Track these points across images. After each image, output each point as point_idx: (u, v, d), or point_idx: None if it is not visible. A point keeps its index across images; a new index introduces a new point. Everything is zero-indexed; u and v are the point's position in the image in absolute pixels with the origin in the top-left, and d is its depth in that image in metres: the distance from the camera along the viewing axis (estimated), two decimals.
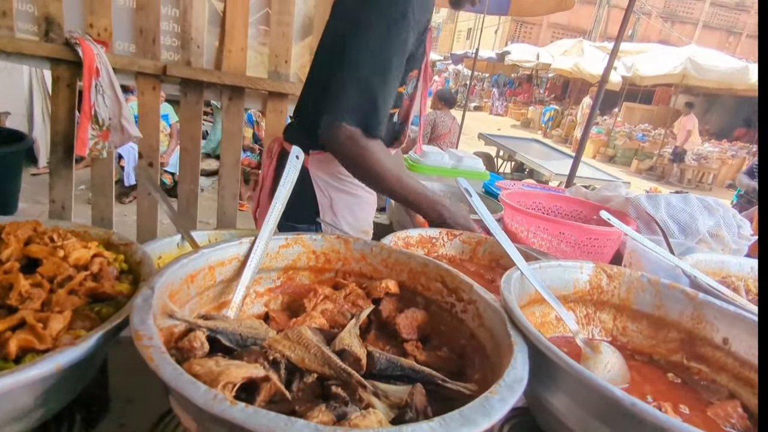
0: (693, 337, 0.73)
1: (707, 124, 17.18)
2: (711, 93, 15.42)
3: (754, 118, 13.68)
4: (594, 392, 0.46)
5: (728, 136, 15.38)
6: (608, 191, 1.69)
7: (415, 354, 0.64)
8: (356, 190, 1.44)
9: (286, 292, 0.82)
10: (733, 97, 15.42)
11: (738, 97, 14.96)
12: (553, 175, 5.43)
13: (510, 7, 6.10)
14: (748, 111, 15.72)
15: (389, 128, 1.37)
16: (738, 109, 16.78)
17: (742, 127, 15.51)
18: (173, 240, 1.03)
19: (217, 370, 0.44)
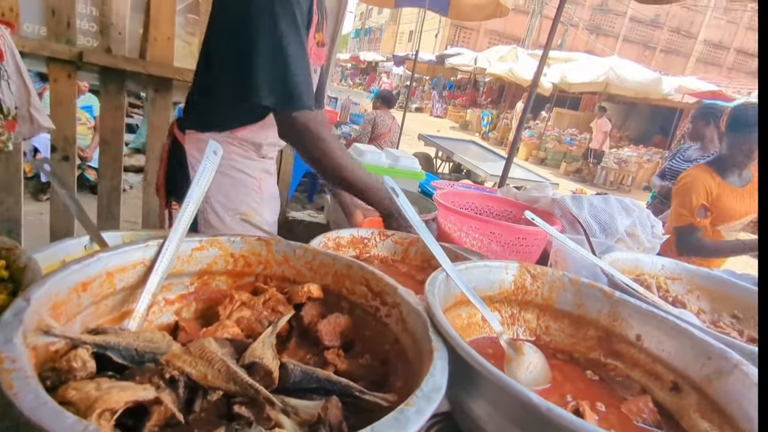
0: (609, 335, 0.76)
1: (627, 130, 18.58)
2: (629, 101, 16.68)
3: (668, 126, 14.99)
4: (512, 397, 0.45)
5: (645, 141, 16.70)
6: (537, 192, 1.75)
7: (336, 362, 0.61)
8: (229, 170, 1.40)
9: (201, 298, 0.76)
10: (648, 105, 16.77)
11: (653, 105, 16.31)
12: (488, 176, 5.61)
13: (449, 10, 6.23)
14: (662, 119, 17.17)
15: None
16: (653, 117, 18.29)
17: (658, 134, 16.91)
18: (81, 242, 0.92)
19: (95, 394, 0.38)
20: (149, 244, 0.69)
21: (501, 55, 17.33)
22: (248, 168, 1.42)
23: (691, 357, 0.66)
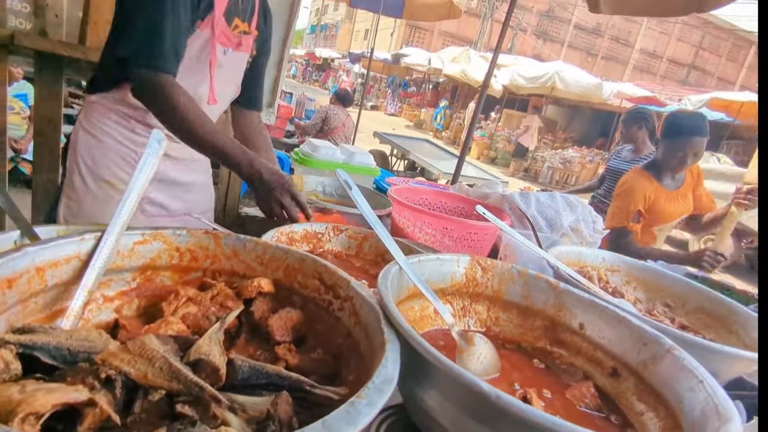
0: (555, 324, 0.79)
1: (571, 132, 19.46)
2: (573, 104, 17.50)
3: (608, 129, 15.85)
4: (462, 387, 0.45)
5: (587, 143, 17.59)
6: (487, 189, 1.80)
7: (287, 358, 0.59)
8: (99, 133, 1.38)
9: (143, 295, 0.72)
10: (591, 109, 17.65)
11: (595, 109, 17.18)
12: (441, 174, 5.71)
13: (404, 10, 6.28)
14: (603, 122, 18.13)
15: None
16: (595, 120, 19.28)
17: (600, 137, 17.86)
18: (10, 236, 0.85)
19: (17, 398, 0.35)
20: (85, 237, 0.64)
21: (454, 56, 17.66)
22: (123, 136, 1.38)
23: (628, 343, 0.70)
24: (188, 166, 1.55)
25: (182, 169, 1.53)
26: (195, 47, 1.32)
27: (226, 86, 1.49)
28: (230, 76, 1.50)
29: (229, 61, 1.44)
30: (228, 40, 1.40)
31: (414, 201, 1.74)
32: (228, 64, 1.44)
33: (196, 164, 1.58)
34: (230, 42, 1.41)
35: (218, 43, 1.36)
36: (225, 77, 1.46)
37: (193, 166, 1.56)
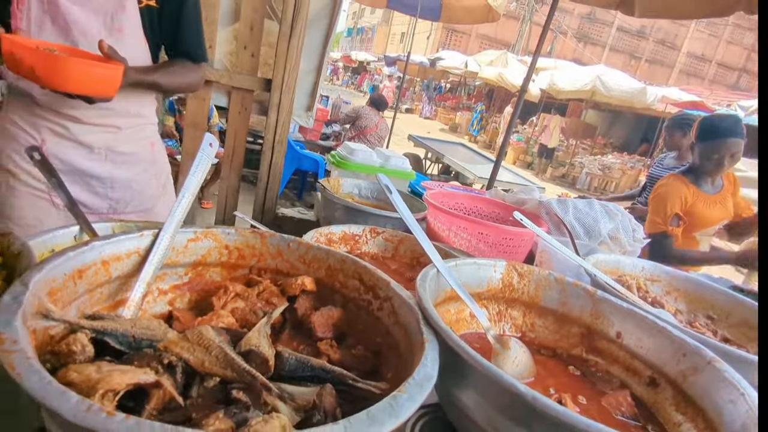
0: (591, 332, 0.79)
1: (611, 137, 18.88)
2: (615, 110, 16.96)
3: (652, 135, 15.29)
4: (499, 387, 0.47)
5: (629, 149, 17.01)
6: (524, 195, 1.79)
7: (329, 353, 0.62)
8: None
9: (195, 289, 0.76)
10: (633, 114, 17.07)
11: (637, 114, 16.60)
12: (476, 178, 5.67)
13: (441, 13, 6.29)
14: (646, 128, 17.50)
15: None
16: (637, 125, 18.63)
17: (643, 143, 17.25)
18: (70, 231, 0.92)
19: (96, 377, 0.39)
20: (144, 233, 0.69)
21: (491, 59, 17.48)
22: (23, 121, 1.29)
23: (667, 354, 0.69)
24: (107, 158, 1.38)
25: (97, 160, 1.37)
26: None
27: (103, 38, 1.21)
28: (102, 23, 1.27)
29: (89, 4, 1.25)
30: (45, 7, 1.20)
31: (449, 205, 1.75)
32: (87, 8, 1.25)
33: (119, 156, 1.39)
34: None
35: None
36: (90, 26, 1.26)
37: (114, 158, 1.39)
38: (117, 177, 1.41)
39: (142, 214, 1.50)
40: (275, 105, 2.54)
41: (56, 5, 1.22)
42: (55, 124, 1.30)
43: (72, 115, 1.31)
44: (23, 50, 1.05)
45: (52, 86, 1.08)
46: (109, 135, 1.38)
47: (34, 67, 1.04)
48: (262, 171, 2.67)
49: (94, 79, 1.11)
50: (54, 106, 1.29)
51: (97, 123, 1.35)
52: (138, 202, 1.49)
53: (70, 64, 1.06)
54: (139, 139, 1.46)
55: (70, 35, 1.25)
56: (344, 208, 1.60)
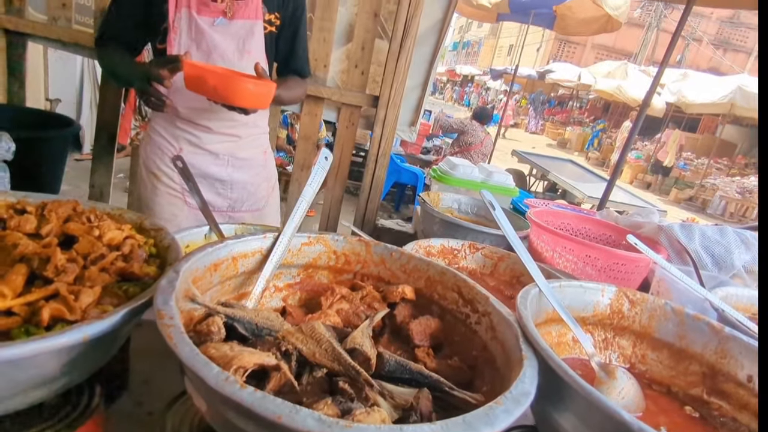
0: (716, 372, 0.71)
1: (754, 157, 16.43)
2: None
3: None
4: (603, 414, 0.45)
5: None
6: (640, 217, 1.65)
7: (425, 360, 0.64)
8: (150, 129, 1.60)
9: (305, 289, 0.84)
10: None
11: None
12: (585, 198, 5.32)
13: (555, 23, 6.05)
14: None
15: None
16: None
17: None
18: (201, 230, 1.07)
19: (230, 354, 0.46)
20: (267, 236, 0.78)
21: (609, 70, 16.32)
22: (167, 132, 1.53)
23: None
24: (228, 163, 1.60)
25: (221, 165, 1.59)
26: (182, 28, 1.42)
27: (235, 59, 1.48)
28: (235, 47, 1.48)
29: (226, 31, 1.46)
30: (208, 8, 1.43)
31: (554, 225, 1.68)
32: (225, 35, 1.46)
33: (238, 161, 1.62)
34: (213, 11, 1.44)
35: (198, 14, 1.41)
36: (227, 49, 1.47)
37: (234, 163, 1.62)
38: (236, 179, 1.64)
39: (255, 213, 1.73)
40: (381, 120, 2.65)
41: (202, 33, 1.44)
42: (191, 134, 1.55)
43: (206, 125, 1.54)
44: (207, 73, 1.28)
45: (228, 101, 1.31)
46: (231, 143, 1.61)
47: (216, 86, 1.26)
48: (365, 183, 2.79)
49: (258, 95, 1.33)
50: (193, 119, 1.52)
51: (225, 132, 1.58)
52: (252, 202, 1.71)
53: (244, 83, 1.29)
54: (255, 146, 1.69)
55: (210, 57, 1.47)
56: (443, 222, 1.62)
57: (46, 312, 0.49)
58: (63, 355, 0.48)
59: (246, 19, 1.49)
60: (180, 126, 1.54)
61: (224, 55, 1.47)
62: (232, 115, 1.51)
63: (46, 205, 0.73)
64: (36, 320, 0.49)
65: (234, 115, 1.52)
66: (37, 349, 0.43)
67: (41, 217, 0.71)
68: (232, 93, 1.28)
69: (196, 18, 1.42)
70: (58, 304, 0.50)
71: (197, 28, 1.43)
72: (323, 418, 0.36)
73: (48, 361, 0.48)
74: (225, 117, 1.54)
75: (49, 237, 0.66)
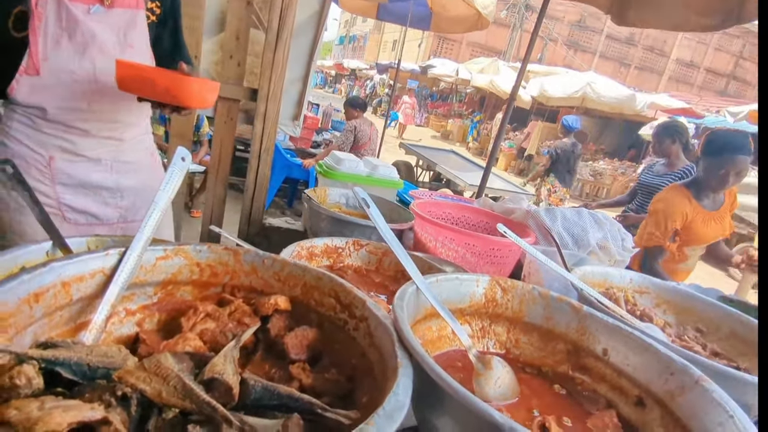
0: (578, 348, 0.76)
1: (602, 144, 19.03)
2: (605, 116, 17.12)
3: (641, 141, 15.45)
4: (476, 416, 0.44)
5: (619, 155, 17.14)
6: (512, 203, 1.77)
7: (301, 377, 0.59)
8: (6, 138, 1.31)
9: (164, 309, 0.73)
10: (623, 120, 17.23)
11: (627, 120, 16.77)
12: (467, 186, 5.67)
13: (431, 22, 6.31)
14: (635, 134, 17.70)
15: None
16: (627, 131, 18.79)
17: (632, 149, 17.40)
18: (42, 247, 0.89)
19: (36, 415, 0.36)
20: (110, 252, 0.66)
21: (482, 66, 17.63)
22: (29, 140, 1.29)
23: (655, 372, 0.67)
24: (113, 168, 1.42)
25: (105, 171, 1.40)
26: (49, 15, 1.20)
27: (116, 53, 1.29)
28: (116, 38, 1.31)
29: (105, 21, 1.28)
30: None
31: (437, 215, 1.73)
32: (104, 25, 1.28)
33: (123, 166, 1.44)
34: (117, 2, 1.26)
35: (70, 1, 1.21)
36: (106, 41, 1.29)
37: (119, 168, 1.43)
38: (124, 185, 1.46)
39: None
40: (261, 114, 2.52)
41: (75, 22, 1.24)
42: (63, 140, 1.32)
43: (82, 128, 1.34)
44: (155, 73, 1.20)
45: (180, 103, 1.22)
46: (113, 147, 1.41)
47: (168, 87, 1.18)
48: (249, 181, 2.64)
49: (208, 94, 1.27)
50: (66, 122, 1.31)
51: (105, 136, 1.39)
52: (144, 209, 1.49)
53: (196, 83, 1.22)
54: (140, 149, 1.52)
55: (87, 52, 1.27)
56: (330, 218, 1.57)
57: None
58: None
59: (126, 8, 1.32)
60: (47, 131, 1.30)
61: (103, 47, 1.28)
62: (115, 116, 1.36)
63: None
64: None
65: (118, 116, 1.37)
66: None
67: None
68: (185, 94, 1.20)
69: (66, 4, 1.21)
70: None
71: (69, 16, 1.22)
72: None
73: None
74: (106, 118, 1.36)
75: None
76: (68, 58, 1.25)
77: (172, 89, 1.19)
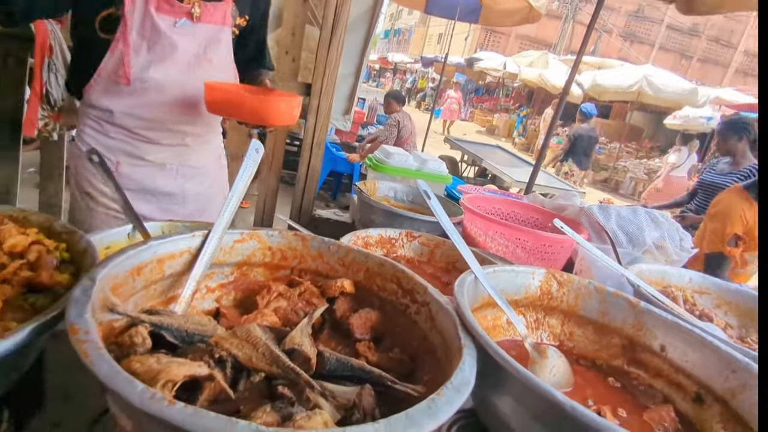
0: (633, 344, 0.77)
1: (658, 141, 18.10)
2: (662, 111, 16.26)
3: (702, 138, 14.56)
4: (537, 396, 0.47)
5: None
6: (563, 200, 1.75)
7: (366, 354, 0.64)
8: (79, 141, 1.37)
9: (239, 288, 0.80)
10: None
11: None
12: (513, 182, 5.58)
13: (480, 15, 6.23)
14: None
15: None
16: None
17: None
18: (124, 230, 0.99)
19: (157, 367, 0.43)
20: (195, 234, 0.73)
21: (531, 60, 17.15)
22: (98, 144, 1.33)
23: (715, 369, 0.67)
24: (178, 173, 1.43)
25: (169, 177, 1.42)
26: (134, 23, 1.21)
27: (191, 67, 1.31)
28: (195, 53, 1.31)
29: (188, 35, 1.28)
30: (172, 8, 1.25)
31: (486, 210, 1.74)
32: (187, 39, 1.28)
33: (189, 171, 1.45)
34: (176, 11, 1.26)
35: (156, 12, 1.22)
36: (185, 55, 1.29)
37: (185, 172, 1.45)
38: (189, 191, 1.47)
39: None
40: (314, 109, 2.59)
41: (158, 34, 1.24)
42: (128, 144, 1.35)
43: (145, 136, 1.36)
44: (244, 97, 1.22)
45: (267, 123, 1.26)
46: (179, 151, 1.43)
47: (257, 110, 1.20)
48: (300, 173, 2.73)
49: (293, 111, 1.28)
50: (131, 128, 1.33)
51: (168, 143, 1.40)
52: (208, 216, 1.52)
53: (283, 102, 1.25)
54: (207, 152, 1.52)
55: (163, 63, 1.28)
56: (380, 210, 1.62)
57: None
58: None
59: (213, 24, 1.32)
60: (113, 135, 1.33)
61: (180, 60, 1.29)
62: (179, 126, 1.37)
63: None
64: None
65: (182, 127, 1.38)
66: None
67: None
68: (272, 114, 1.22)
69: (153, 15, 1.22)
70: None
71: (153, 28, 1.23)
72: (261, 428, 0.35)
73: None
74: (172, 129, 1.37)
75: None
76: (143, 67, 1.26)
77: (261, 111, 1.20)
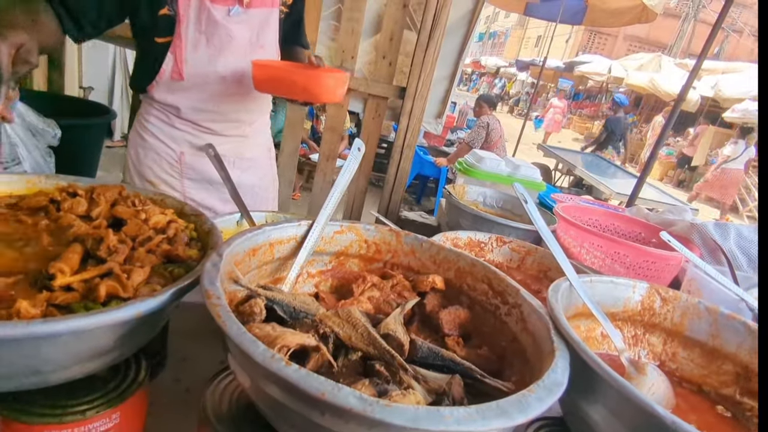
0: (749, 372, 0.70)
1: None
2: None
3: None
4: (636, 407, 0.46)
5: None
6: (672, 215, 1.62)
7: (455, 349, 0.65)
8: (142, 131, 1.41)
9: (336, 276, 0.86)
10: None
11: None
12: (613, 194, 5.21)
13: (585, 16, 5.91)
14: None
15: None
16: None
17: None
18: (233, 218, 1.11)
19: (273, 334, 0.48)
20: (301, 223, 0.80)
21: (641, 63, 15.82)
22: (164, 133, 1.37)
23: None
24: (235, 165, 1.48)
25: (229, 168, 1.40)
26: (191, 18, 1.21)
27: (246, 54, 1.30)
28: (248, 40, 1.31)
29: (242, 22, 1.28)
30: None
31: (582, 220, 1.66)
32: (240, 26, 1.28)
33: (245, 162, 1.51)
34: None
35: (211, 2, 1.21)
36: (240, 43, 1.29)
37: (240, 164, 1.50)
38: (244, 182, 1.50)
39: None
40: (407, 112, 2.65)
41: (215, 25, 1.24)
42: (192, 135, 1.41)
43: (210, 128, 1.42)
44: (292, 73, 1.23)
45: (315, 99, 1.26)
46: (237, 143, 1.49)
47: (306, 85, 1.20)
48: (389, 174, 2.80)
49: (340, 88, 1.27)
50: (197, 121, 1.39)
51: (230, 134, 1.46)
52: (261, 206, 1.59)
53: (332, 78, 1.23)
54: (259, 145, 1.59)
55: (221, 54, 1.29)
56: (468, 215, 1.62)
57: (103, 289, 0.52)
58: (117, 330, 0.52)
59: (262, 7, 1.31)
60: (179, 127, 1.38)
61: (236, 50, 1.30)
62: (238, 115, 1.42)
63: (95, 189, 0.77)
64: (93, 296, 0.52)
65: (241, 116, 1.43)
66: (97, 322, 0.46)
67: (90, 200, 0.75)
68: (321, 89, 1.21)
69: (209, 6, 1.21)
70: (112, 282, 0.54)
71: (210, 19, 1.23)
72: (364, 396, 0.38)
73: (104, 334, 0.51)
74: (231, 118, 1.43)
75: (99, 219, 0.70)
76: (204, 62, 1.27)
77: (310, 87, 1.19)
